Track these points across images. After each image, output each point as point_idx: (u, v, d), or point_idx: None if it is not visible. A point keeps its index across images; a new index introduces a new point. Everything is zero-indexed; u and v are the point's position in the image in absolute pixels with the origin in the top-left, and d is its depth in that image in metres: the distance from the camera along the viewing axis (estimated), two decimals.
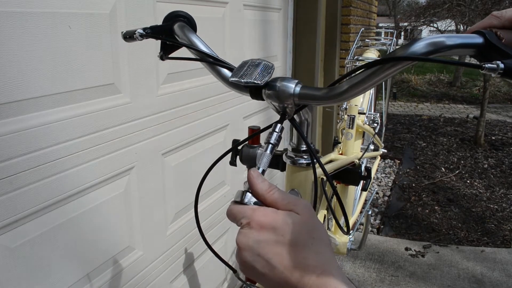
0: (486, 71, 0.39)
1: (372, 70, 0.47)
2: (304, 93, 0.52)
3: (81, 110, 0.98)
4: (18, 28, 0.81)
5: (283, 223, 0.40)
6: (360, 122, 1.58)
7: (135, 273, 1.22)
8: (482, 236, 2.74)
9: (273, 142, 0.50)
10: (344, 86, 0.50)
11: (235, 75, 0.52)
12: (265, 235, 0.39)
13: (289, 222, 0.40)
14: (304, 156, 0.64)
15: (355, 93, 0.49)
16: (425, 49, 0.44)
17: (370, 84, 0.48)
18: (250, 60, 0.54)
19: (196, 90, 1.43)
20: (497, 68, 0.38)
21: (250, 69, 0.52)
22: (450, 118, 6.13)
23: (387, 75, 0.47)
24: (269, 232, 0.39)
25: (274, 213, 0.41)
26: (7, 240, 0.84)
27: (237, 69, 0.53)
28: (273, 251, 0.39)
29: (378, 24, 4.65)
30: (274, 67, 0.52)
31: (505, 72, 0.38)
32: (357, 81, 0.49)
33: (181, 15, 0.66)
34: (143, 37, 0.62)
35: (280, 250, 0.39)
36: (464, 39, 0.44)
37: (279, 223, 0.40)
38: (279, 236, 0.39)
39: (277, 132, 0.50)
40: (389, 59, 0.45)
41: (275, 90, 0.52)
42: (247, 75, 0.51)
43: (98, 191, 1.06)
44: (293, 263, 0.38)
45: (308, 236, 0.39)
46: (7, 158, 0.82)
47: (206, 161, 1.53)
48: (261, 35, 1.93)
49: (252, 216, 0.41)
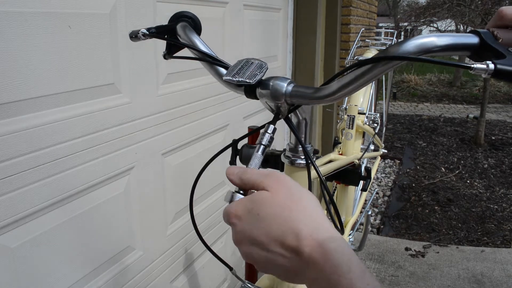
0: (476, 72, 0.38)
1: (362, 70, 0.47)
2: (295, 92, 0.52)
3: (81, 110, 0.98)
4: (18, 28, 0.81)
5: (254, 204, 0.40)
6: (360, 122, 1.58)
7: (135, 273, 1.22)
8: (482, 236, 2.74)
9: (264, 143, 0.49)
10: (334, 86, 0.50)
11: (229, 74, 0.52)
12: (244, 221, 0.40)
13: (260, 199, 0.40)
14: (302, 156, 0.63)
15: (346, 92, 0.49)
16: (417, 49, 0.43)
17: (360, 83, 0.47)
18: (245, 59, 0.54)
19: (196, 90, 1.43)
20: (487, 68, 0.37)
21: (244, 68, 0.52)
22: (450, 118, 6.13)
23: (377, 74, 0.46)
24: (246, 217, 0.40)
25: (245, 198, 0.42)
26: (7, 240, 0.84)
27: (231, 68, 0.53)
28: (257, 232, 0.39)
29: (378, 24, 4.65)
30: (267, 66, 0.52)
31: (495, 73, 0.37)
32: (347, 81, 0.48)
33: (186, 16, 0.67)
34: (146, 37, 0.63)
35: (262, 228, 0.39)
36: (457, 39, 0.43)
37: (251, 205, 0.40)
38: (255, 215, 0.40)
39: (269, 133, 0.50)
40: (379, 58, 0.45)
41: (268, 89, 0.52)
42: (240, 74, 0.51)
43: (98, 191, 1.06)
44: (279, 236, 0.38)
45: (284, 206, 0.39)
46: (7, 158, 0.82)
47: (206, 161, 1.53)
48: (261, 35, 1.93)
49: (229, 211, 0.42)
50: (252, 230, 0.39)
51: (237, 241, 0.41)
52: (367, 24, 3.45)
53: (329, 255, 0.35)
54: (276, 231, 0.38)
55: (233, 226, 0.42)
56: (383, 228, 2.87)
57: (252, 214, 0.40)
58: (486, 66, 0.37)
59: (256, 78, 0.50)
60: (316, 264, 0.36)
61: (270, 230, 0.38)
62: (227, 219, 0.42)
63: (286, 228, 0.38)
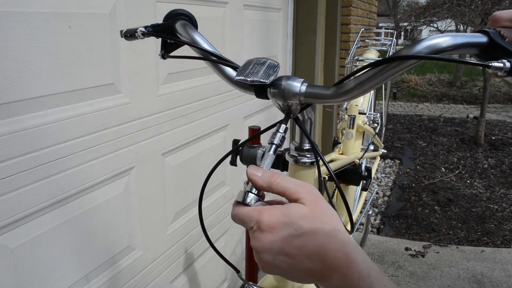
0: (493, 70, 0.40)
1: (378, 69, 0.47)
2: (310, 92, 0.52)
3: (81, 110, 0.98)
4: (18, 28, 0.81)
5: (292, 217, 0.40)
6: (360, 122, 1.58)
7: (135, 273, 1.22)
8: (482, 236, 2.74)
9: (276, 143, 0.49)
10: (351, 84, 0.50)
11: (241, 73, 0.52)
12: (278, 234, 0.40)
13: (298, 214, 0.40)
14: (307, 155, 0.63)
15: (361, 92, 0.50)
16: (430, 49, 0.44)
17: (375, 83, 0.48)
18: (255, 58, 0.54)
19: (196, 90, 1.43)
20: (503, 66, 0.39)
21: (256, 68, 0.52)
22: (450, 118, 6.13)
23: (391, 75, 0.47)
24: (281, 230, 0.40)
25: (280, 210, 0.41)
26: (7, 240, 0.83)
27: (242, 67, 0.53)
28: (291, 246, 0.39)
29: (378, 24, 4.64)
30: (279, 65, 0.52)
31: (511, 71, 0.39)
32: (363, 79, 0.49)
33: (182, 13, 0.66)
34: (144, 36, 0.62)
35: (297, 243, 0.39)
36: (468, 38, 0.44)
37: (288, 219, 0.40)
38: (292, 230, 0.39)
39: (281, 132, 0.50)
40: (395, 58, 0.45)
41: (280, 89, 0.52)
42: (253, 73, 0.51)
43: (98, 191, 1.06)
44: (313, 252, 0.39)
45: (320, 222, 0.40)
46: (7, 158, 0.82)
47: (206, 161, 1.53)
48: (261, 35, 1.93)
49: (260, 219, 0.40)
50: (285, 243, 0.40)
51: (262, 250, 0.41)
52: (367, 24, 3.45)
53: (351, 263, 0.38)
54: (312, 247, 0.39)
55: (259, 234, 0.40)
56: (383, 228, 2.87)
57: (288, 229, 0.40)
58: (502, 65, 0.39)
59: (271, 78, 0.50)
60: (340, 270, 0.38)
61: (305, 245, 0.39)
62: (250, 225, 0.41)
63: (321, 244, 0.39)
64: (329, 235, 0.39)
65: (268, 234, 0.40)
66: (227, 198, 1.72)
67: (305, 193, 0.41)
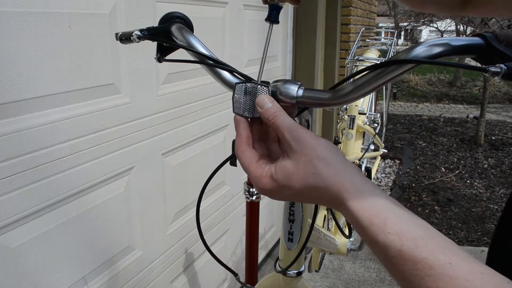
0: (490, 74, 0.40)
1: (375, 73, 0.47)
2: (307, 96, 0.52)
3: (81, 110, 0.98)
4: (18, 28, 0.81)
5: (280, 181, 0.41)
6: (360, 122, 1.59)
7: (135, 273, 1.22)
8: (482, 236, 2.74)
9: None
10: (348, 88, 0.50)
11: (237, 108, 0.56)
12: (279, 196, 0.42)
13: (285, 175, 0.41)
14: None
15: (358, 95, 0.50)
16: (428, 52, 0.45)
17: (373, 87, 0.48)
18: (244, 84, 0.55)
19: (196, 90, 1.43)
20: (500, 71, 0.39)
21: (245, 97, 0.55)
22: (450, 118, 6.13)
23: (389, 79, 0.47)
24: (280, 192, 0.42)
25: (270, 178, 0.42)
26: (7, 240, 0.84)
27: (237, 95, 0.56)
28: (295, 198, 0.42)
29: (378, 24, 4.65)
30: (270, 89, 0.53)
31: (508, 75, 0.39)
32: (360, 83, 0.49)
33: (178, 16, 0.65)
34: (140, 39, 0.62)
35: (299, 196, 0.41)
36: (466, 42, 0.45)
37: (278, 184, 0.42)
38: (288, 191, 0.41)
39: None
40: (392, 62, 0.45)
41: (278, 93, 0.52)
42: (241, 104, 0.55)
43: (98, 191, 1.06)
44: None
45: (305, 176, 0.40)
46: (7, 158, 0.82)
47: (206, 161, 1.53)
48: (261, 35, 1.93)
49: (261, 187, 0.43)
50: (288, 198, 0.43)
51: (274, 197, 0.43)
52: (367, 24, 3.45)
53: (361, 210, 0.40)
54: (314, 195, 0.41)
55: (270, 188, 0.42)
56: None
57: (284, 191, 0.42)
58: (499, 69, 0.40)
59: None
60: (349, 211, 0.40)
61: (308, 196, 0.41)
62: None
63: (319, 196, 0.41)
64: (341, 176, 0.40)
65: (279, 190, 0.42)
66: (227, 198, 1.72)
67: (294, 147, 0.42)
